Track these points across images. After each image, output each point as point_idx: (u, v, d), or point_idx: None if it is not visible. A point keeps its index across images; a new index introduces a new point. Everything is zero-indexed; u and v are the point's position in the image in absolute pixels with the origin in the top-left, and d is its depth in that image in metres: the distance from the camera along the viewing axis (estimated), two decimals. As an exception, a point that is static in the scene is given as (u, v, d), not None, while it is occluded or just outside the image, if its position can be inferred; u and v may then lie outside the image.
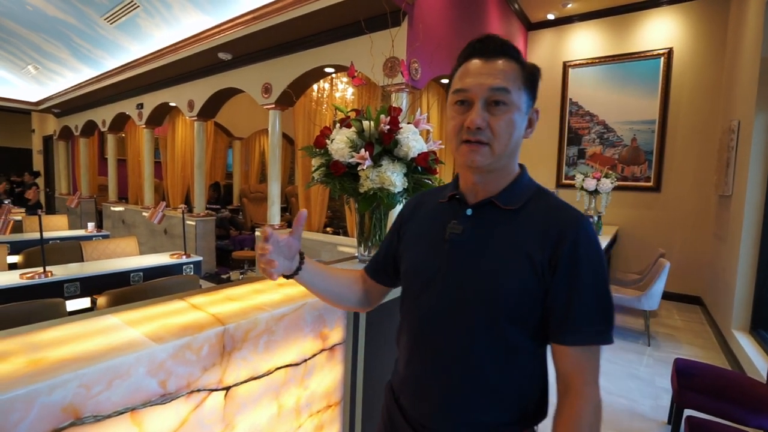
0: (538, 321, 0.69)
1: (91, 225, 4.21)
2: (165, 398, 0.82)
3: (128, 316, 0.96)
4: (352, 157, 1.31)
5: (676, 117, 4.69)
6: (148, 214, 3.50)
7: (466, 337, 0.70)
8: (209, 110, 5.21)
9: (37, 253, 2.80)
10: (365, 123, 1.34)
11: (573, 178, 4.47)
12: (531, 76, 0.71)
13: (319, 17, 3.31)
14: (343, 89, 4.23)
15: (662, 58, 4.70)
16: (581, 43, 5.24)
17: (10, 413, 0.62)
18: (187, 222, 5.07)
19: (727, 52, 4.30)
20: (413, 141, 1.32)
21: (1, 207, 2.79)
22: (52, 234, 3.95)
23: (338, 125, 1.40)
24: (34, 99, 8.38)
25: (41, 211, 2.61)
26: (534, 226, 0.70)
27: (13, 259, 3.17)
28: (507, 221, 0.72)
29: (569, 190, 4.94)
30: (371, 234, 1.49)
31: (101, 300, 1.92)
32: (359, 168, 1.30)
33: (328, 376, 1.24)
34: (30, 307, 1.76)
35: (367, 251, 1.51)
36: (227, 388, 0.94)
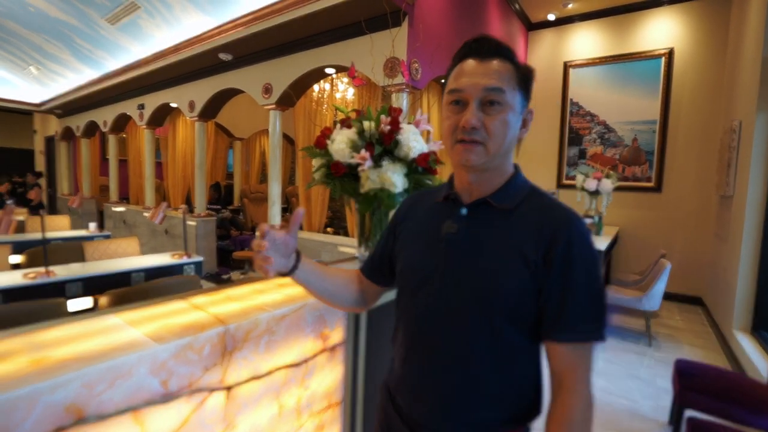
0: (535, 320, 0.70)
1: (92, 225, 4.22)
2: (167, 398, 0.82)
3: (130, 316, 0.97)
4: (352, 157, 1.31)
5: (677, 117, 4.68)
6: (149, 214, 3.51)
7: (464, 336, 0.71)
8: (210, 111, 5.22)
9: (40, 253, 2.82)
10: (366, 123, 1.34)
11: (574, 179, 4.46)
12: (525, 77, 0.72)
13: (320, 18, 3.31)
14: (344, 90, 4.23)
15: (663, 58, 4.70)
16: (582, 43, 5.23)
17: (13, 412, 0.62)
18: (188, 222, 5.08)
19: (728, 52, 4.29)
20: (414, 141, 1.32)
21: (5, 207, 2.80)
22: (54, 234, 3.95)
23: (339, 126, 1.40)
24: (35, 100, 8.40)
25: (43, 212, 2.62)
26: (528, 225, 0.70)
27: (16, 259, 3.18)
28: (501, 221, 0.72)
29: (570, 190, 4.94)
30: (372, 234, 1.49)
31: (103, 300, 1.93)
32: (360, 168, 1.30)
33: (328, 377, 1.24)
34: (32, 307, 1.77)
35: (368, 252, 1.51)
36: (228, 388, 0.94)
